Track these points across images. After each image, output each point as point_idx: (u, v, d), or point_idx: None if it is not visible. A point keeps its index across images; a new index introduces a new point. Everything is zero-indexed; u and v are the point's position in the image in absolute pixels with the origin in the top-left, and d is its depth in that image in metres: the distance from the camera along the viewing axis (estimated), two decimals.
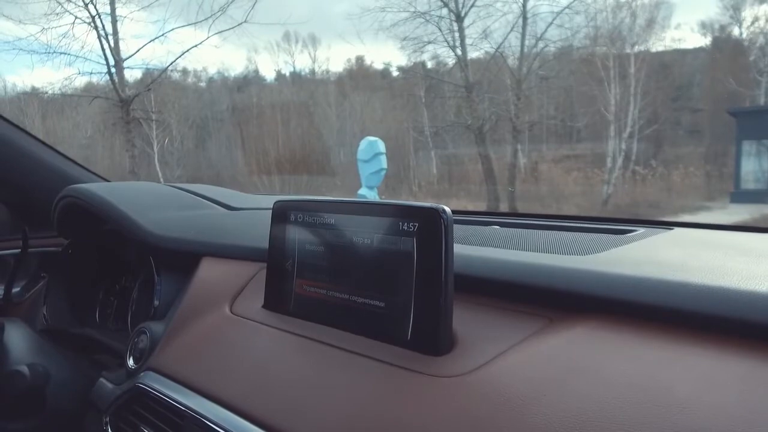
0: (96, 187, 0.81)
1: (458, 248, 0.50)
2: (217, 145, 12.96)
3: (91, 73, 9.37)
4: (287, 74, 13.65)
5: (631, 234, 0.60)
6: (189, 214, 0.82)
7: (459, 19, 9.62)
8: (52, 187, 0.99)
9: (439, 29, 9.70)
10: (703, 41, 11.35)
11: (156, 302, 0.69)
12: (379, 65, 13.75)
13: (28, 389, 0.61)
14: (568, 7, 9.00)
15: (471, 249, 0.54)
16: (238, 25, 9.05)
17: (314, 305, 0.54)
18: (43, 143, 1.08)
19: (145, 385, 0.55)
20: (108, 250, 0.93)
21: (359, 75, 13.43)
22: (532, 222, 0.72)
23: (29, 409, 0.64)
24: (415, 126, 11.55)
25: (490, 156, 9.77)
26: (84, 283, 0.93)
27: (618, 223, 0.67)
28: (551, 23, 9.16)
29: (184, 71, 12.61)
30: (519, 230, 0.66)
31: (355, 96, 12.72)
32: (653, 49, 9.82)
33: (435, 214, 0.45)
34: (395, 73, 12.68)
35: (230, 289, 0.63)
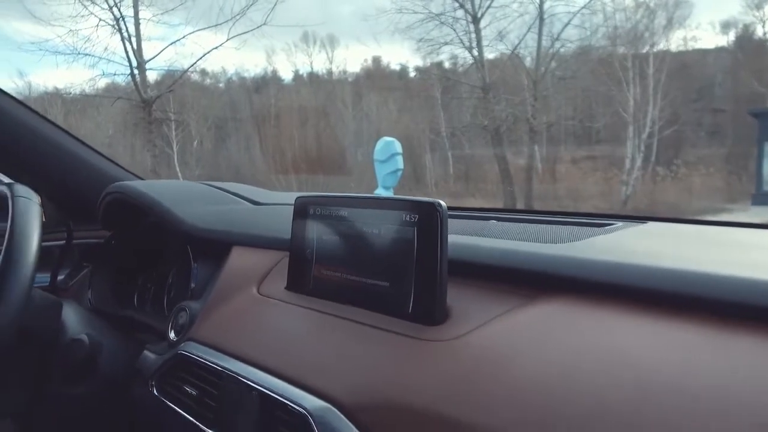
0: (141, 185, 0.91)
1: (455, 238, 0.59)
2: (235, 145, 13.14)
3: (114, 75, 9.63)
4: (305, 75, 13.78)
5: (608, 227, 0.68)
6: (221, 208, 0.92)
7: (475, 20, 9.66)
8: (93, 185, 1.10)
9: (455, 31, 9.77)
10: (725, 41, 11.21)
11: (193, 285, 0.78)
12: (395, 66, 13.82)
13: (85, 357, 0.71)
14: (585, 7, 9.00)
15: (465, 238, 0.62)
16: (257, 27, 9.23)
17: (330, 286, 0.63)
18: (85, 144, 1.18)
19: (187, 353, 0.64)
20: (145, 241, 1.03)
21: (376, 75, 13.52)
22: (526, 217, 0.80)
23: (85, 375, 0.74)
24: (431, 127, 11.60)
25: (506, 157, 9.80)
26: (124, 270, 1.03)
27: (600, 218, 0.75)
28: (568, 23, 9.17)
29: (203, 72, 12.79)
30: (512, 224, 0.74)
31: (371, 96, 12.81)
32: (673, 49, 9.75)
33: (432, 207, 0.53)
34: (412, 74, 12.75)
35: (257, 273, 0.72)
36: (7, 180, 0.94)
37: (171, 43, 9.81)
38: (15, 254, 0.61)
